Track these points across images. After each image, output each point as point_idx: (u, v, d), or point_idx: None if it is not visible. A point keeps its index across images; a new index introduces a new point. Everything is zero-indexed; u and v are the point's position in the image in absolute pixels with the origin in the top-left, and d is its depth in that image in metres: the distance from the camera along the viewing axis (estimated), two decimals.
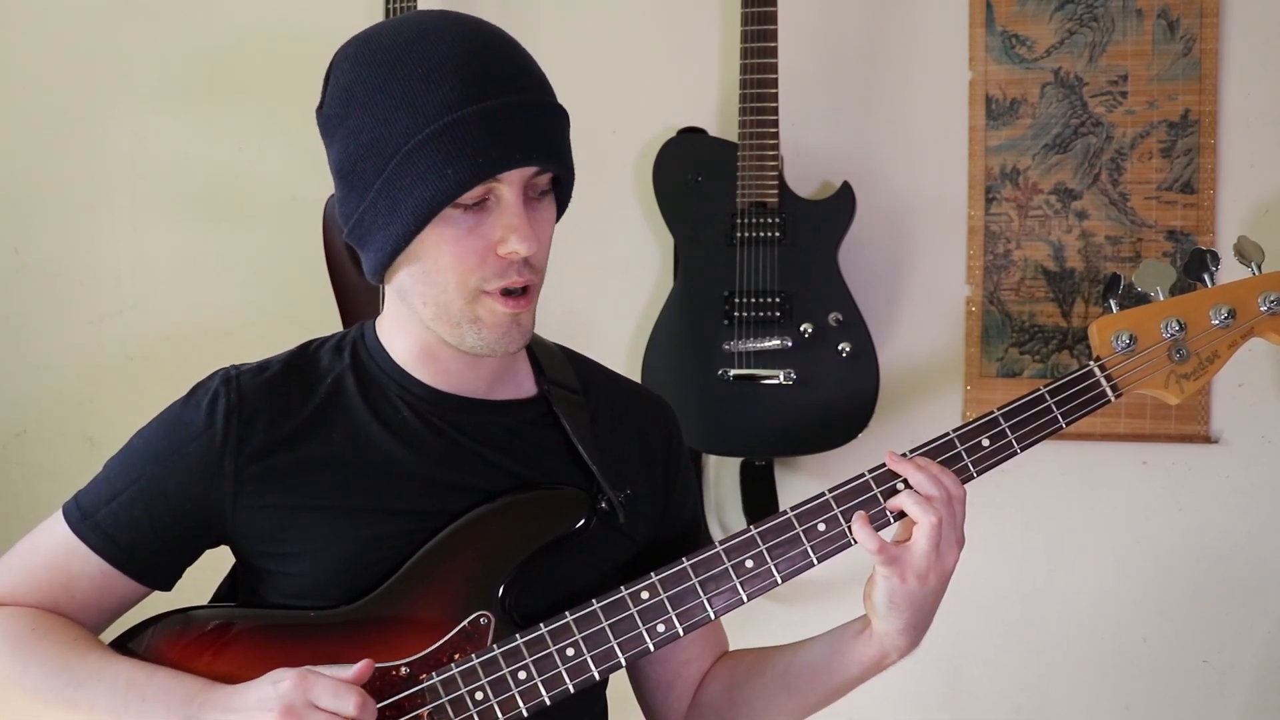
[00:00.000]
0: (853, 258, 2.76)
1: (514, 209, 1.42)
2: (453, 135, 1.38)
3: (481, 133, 1.39)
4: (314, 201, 2.87)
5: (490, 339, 1.47)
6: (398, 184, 1.41)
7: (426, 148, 1.39)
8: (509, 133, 1.40)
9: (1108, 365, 1.55)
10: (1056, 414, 1.53)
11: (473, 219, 1.43)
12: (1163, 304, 1.57)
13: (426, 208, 1.40)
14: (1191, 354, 1.57)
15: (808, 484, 2.83)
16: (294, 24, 3.06)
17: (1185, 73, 2.67)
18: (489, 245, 1.43)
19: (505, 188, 1.42)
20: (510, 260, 1.43)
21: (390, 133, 1.40)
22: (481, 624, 1.47)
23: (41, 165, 3.23)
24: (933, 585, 1.46)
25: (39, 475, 3.25)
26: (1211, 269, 1.57)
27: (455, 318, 1.46)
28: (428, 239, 1.43)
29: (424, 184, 1.39)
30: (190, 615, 1.52)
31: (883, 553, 1.44)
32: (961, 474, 1.50)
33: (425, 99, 1.39)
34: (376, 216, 1.44)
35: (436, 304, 1.46)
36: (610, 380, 1.70)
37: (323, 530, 1.49)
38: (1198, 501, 2.71)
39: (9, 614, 1.50)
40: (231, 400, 1.50)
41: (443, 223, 1.42)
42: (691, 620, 1.48)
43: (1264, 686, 2.68)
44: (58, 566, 1.51)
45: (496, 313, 1.45)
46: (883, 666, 1.54)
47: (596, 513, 1.53)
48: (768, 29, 2.66)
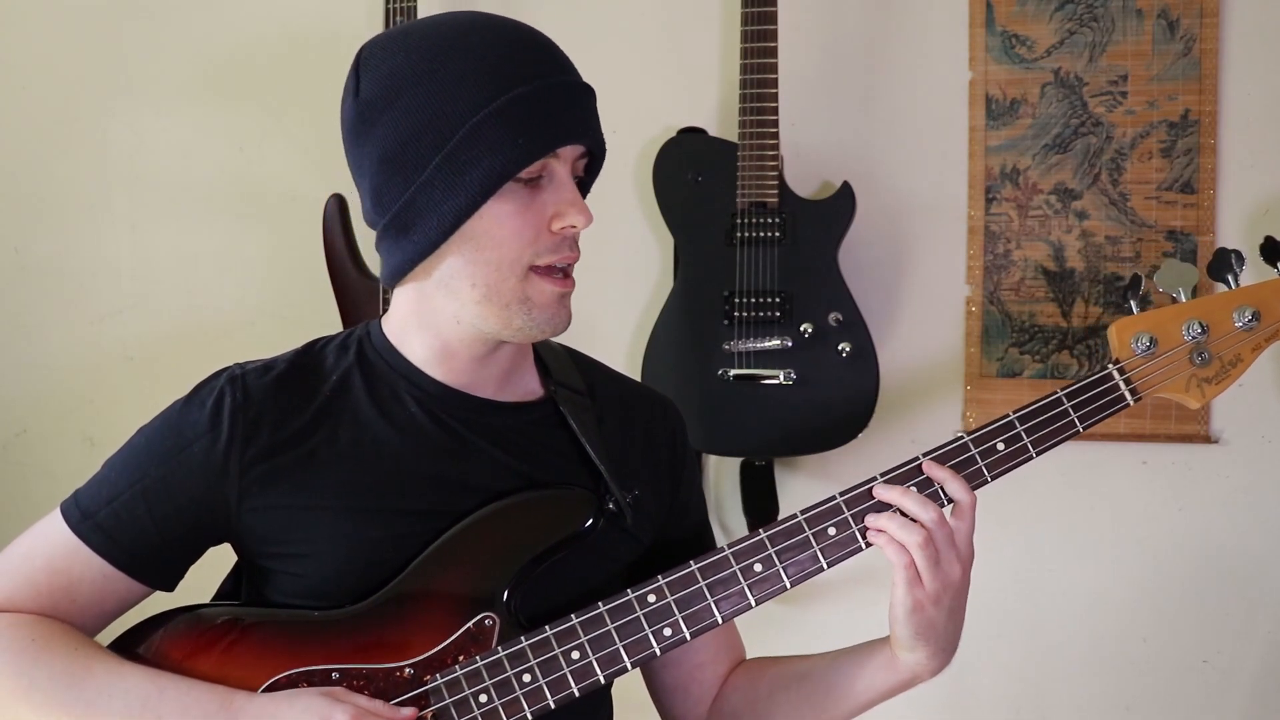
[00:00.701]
0: (853, 258, 2.76)
1: (568, 184, 1.46)
2: (524, 107, 1.41)
3: (549, 107, 1.43)
4: (314, 201, 2.87)
5: (540, 319, 1.48)
6: (463, 156, 1.41)
7: (496, 119, 1.40)
8: (570, 109, 1.45)
9: (1127, 368, 1.52)
10: (1074, 417, 1.51)
11: (529, 195, 1.45)
12: (1184, 305, 1.53)
13: (494, 178, 1.41)
14: (1214, 357, 1.52)
15: (808, 484, 2.83)
16: (294, 24, 3.06)
17: (1185, 73, 2.67)
18: (544, 220, 1.45)
19: (559, 164, 1.46)
20: (564, 235, 1.46)
21: (453, 108, 1.41)
22: (487, 625, 1.47)
23: (42, 165, 3.23)
24: (948, 604, 1.45)
25: (39, 475, 3.25)
26: (1236, 269, 1.53)
27: (505, 298, 1.46)
28: (486, 215, 1.43)
29: (493, 154, 1.41)
30: (195, 614, 1.51)
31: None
32: (975, 478, 1.48)
33: (490, 75, 1.41)
34: (434, 192, 1.43)
35: (488, 284, 1.46)
36: (615, 381, 1.70)
37: (328, 531, 1.48)
38: (1198, 501, 2.71)
39: (9, 622, 1.47)
40: (237, 399, 1.49)
41: (501, 198, 1.43)
42: (699, 624, 1.47)
43: (1264, 686, 2.69)
44: (58, 569, 1.49)
45: (546, 293, 1.47)
46: (914, 685, 1.54)
47: (604, 514, 1.52)
48: (768, 29, 2.66)
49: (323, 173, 2.93)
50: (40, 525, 1.52)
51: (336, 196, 2.83)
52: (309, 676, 1.45)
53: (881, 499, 1.47)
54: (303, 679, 1.45)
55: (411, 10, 2.69)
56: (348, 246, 2.83)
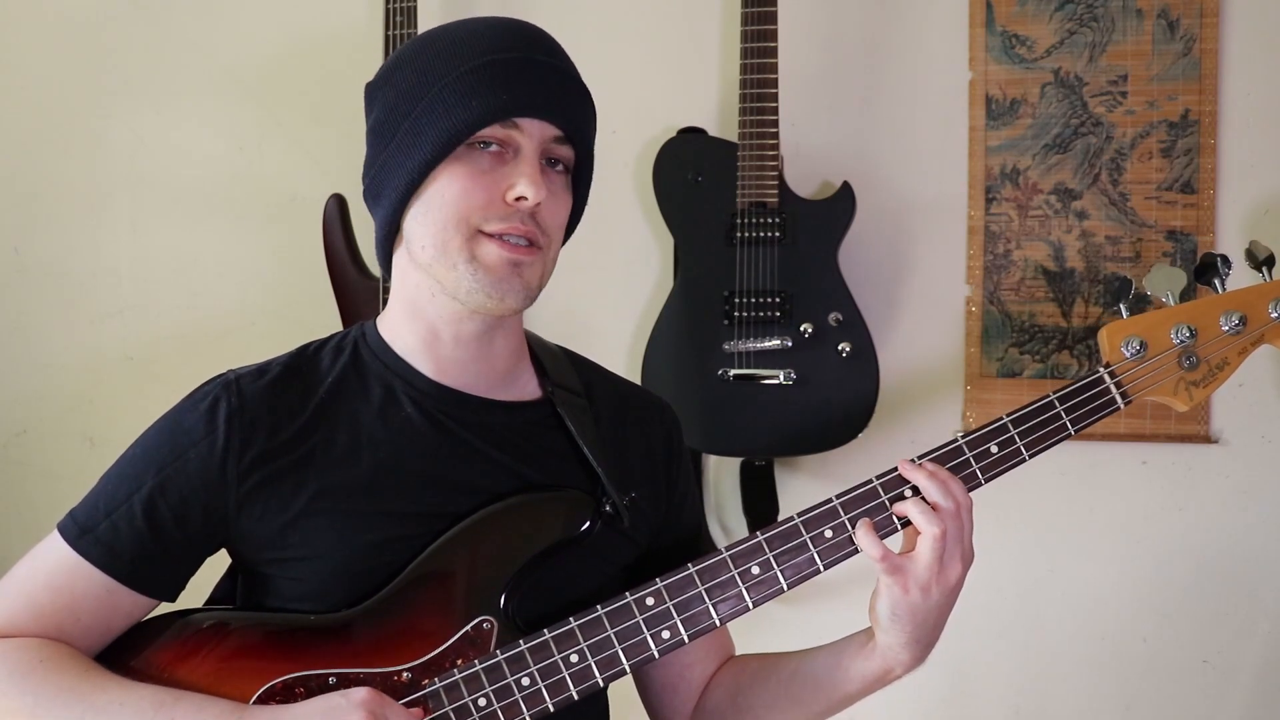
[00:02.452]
0: (853, 258, 2.76)
1: (530, 160, 1.46)
2: (482, 74, 1.44)
3: (510, 76, 1.45)
4: (314, 201, 2.87)
5: (487, 283, 1.46)
6: (423, 120, 1.45)
7: (455, 85, 1.44)
8: (537, 84, 1.46)
9: (1117, 372, 1.54)
10: (1065, 420, 1.52)
11: (489, 162, 1.46)
12: (1173, 310, 1.55)
13: (447, 137, 1.44)
14: (1201, 361, 1.54)
15: (808, 484, 2.83)
16: (294, 24, 3.06)
17: (1185, 73, 2.67)
18: (499, 191, 1.46)
19: (525, 139, 1.46)
20: (517, 208, 1.46)
21: (425, 79, 1.46)
22: (485, 629, 1.47)
23: (42, 165, 3.23)
24: (935, 599, 1.44)
25: (39, 475, 3.25)
26: (1223, 273, 1.55)
27: (453, 257, 1.46)
28: (440, 175, 1.46)
29: (448, 116, 1.44)
30: (189, 619, 1.50)
31: (885, 560, 1.43)
32: (969, 481, 1.49)
33: (462, 49, 1.46)
34: (397, 155, 1.47)
35: (435, 244, 1.47)
36: (612, 382, 1.70)
37: (325, 535, 1.47)
38: (1198, 501, 2.71)
39: (14, 646, 1.45)
40: (233, 405, 1.48)
41: (459, 160, 1.45)
42: (697, 627, 1.47)
43: (1264, 686, 2.69)
44: (59, 588, 1.47)
45: (492, 254, 1.46)
46: (886, 681, 1.53)
47: (601, 516, 1.52)
48: (768, 29, 2.66)
49: (323, 173, 2.93)
50: (39, 548, 1.50)
51: (336, 196, 2.83)
52: (305, 681, 1.45)
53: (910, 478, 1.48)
54: (299, 683, 1.44)
55: (411, 10, 2.69)
56: (348, 246, 2.83)
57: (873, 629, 1.51)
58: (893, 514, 1.47)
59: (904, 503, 1.47)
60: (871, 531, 1.46)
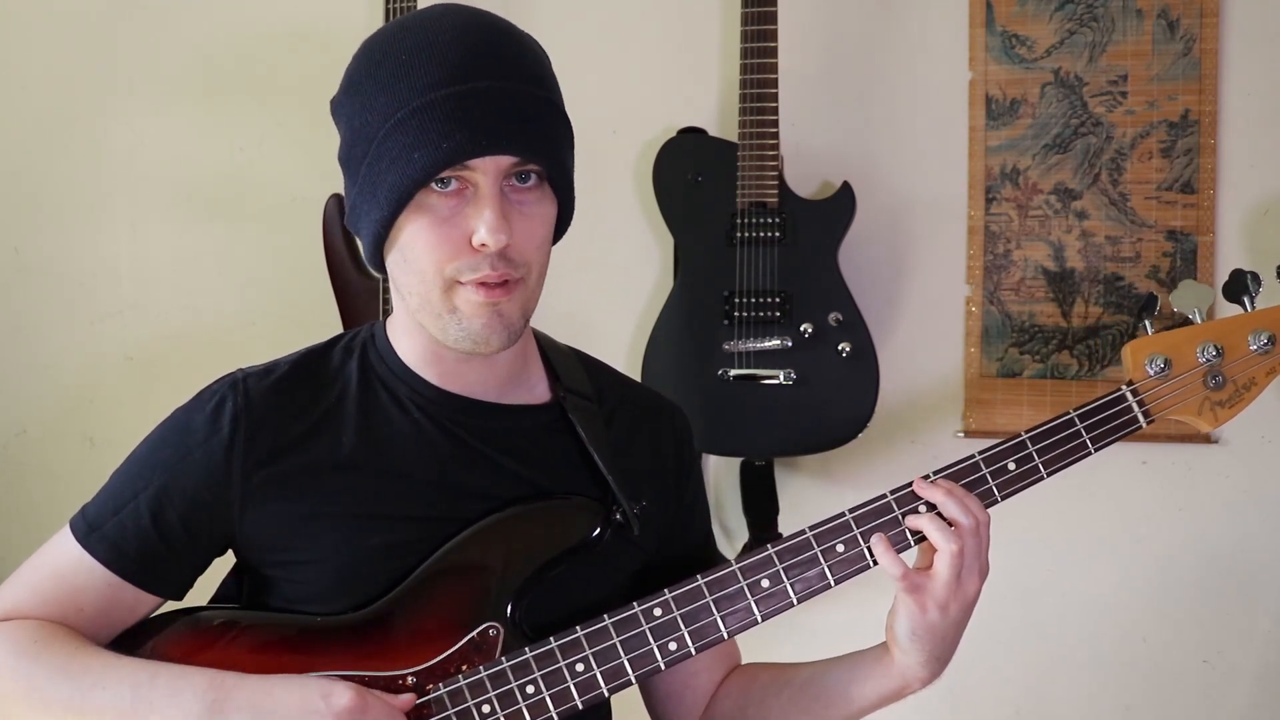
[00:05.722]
0: (853, 258, 2.76)
1: (488, 199, 1.38)
2: (420, 120, 1.36)
3: (449, 117, 1.36)
4: (314, 201, 2.87)
5: (471, 329, 1.42)
6: (377, 168, 1.39)
7: (397, 132, 1.37)
8: (481, 119, 1.36)
9: (1140, 390, 1.51)
10: (1086, 439, 1.50)
11: (451, 206, 1.39)
12: (1200, 327, 1.51)
13: (398, 194, 1.38)
14: (1228, 381, 1.51)
15: (808, 484, 2.84)
16: (294, 24, 3.05)
17: (1185, 73, 2.67)
18: (465, 235, 1.39)
19: (480, 176, 1.38)
20: (484, 254, 1.39)
21: (371, 118, 1.40)
22: (490, 635, 1.46)
23: (42, 165, 3.22)
24: (954, 615, 1.44)
25: (39, 475, 3.25)
26: (1252, 291, 1.51)
27: (435, 308, 1.43)
28: (406, 226, 1.41)
29: (394, 169, 1.38)
30: (194, 617, 1.51)
31: (905, 579, 1.42)
32: (985, 498, 1.49)
33: (401, 84, 1.38)
34: (363, 202, 1.43)
35: (418, 295, 1.43)
36: (624, 386, 1.68)
37: (331, 538, 1.47)
38: (1198, 502, 2.71)
39: (13, 626, 1.47)
40: (239, 405, 1.47)
41: (420, 209, 1.40)
42: (704, 639, 1.46)
43: (1264, 686, 2.69)
44: (64, 581, 1.48)
45: (473, 302, 1.41)
46: (902, 696, 1.53)
47: (610, 524, 1.50)
48: (768, 29, 2.66)
49: (322, 173, 2.90)
50: (50, 543, 1.52)
51: (336, 196, 2.83)
52: None
53: (925, 496, 1.46)
54: None
55: (411, 10, 2.68)
56: (348, 246, 2.83)
57: (889, 646, 1.50)
58: (906, 529, 1.46)
59: (919, 517, 1.46)
60: (890, 548, 1.45)
